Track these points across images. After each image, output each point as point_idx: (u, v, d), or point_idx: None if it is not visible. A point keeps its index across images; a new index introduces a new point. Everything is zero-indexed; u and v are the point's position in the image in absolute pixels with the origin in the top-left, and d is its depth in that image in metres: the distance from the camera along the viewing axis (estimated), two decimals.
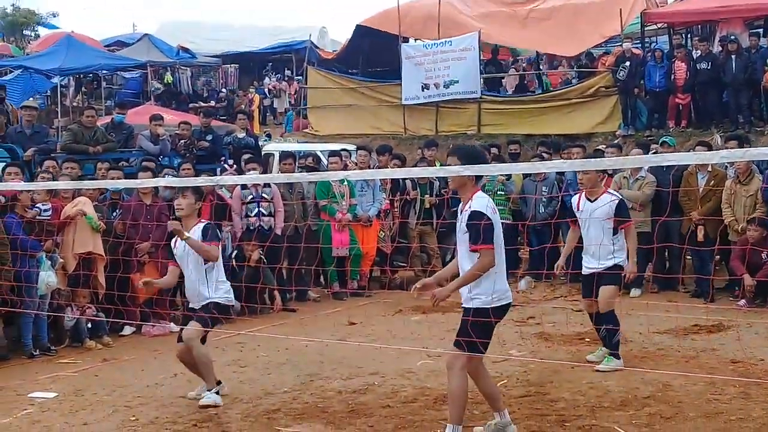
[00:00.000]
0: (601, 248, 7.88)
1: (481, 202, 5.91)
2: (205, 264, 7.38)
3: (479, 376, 6.17)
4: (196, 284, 7.41)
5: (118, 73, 28.97)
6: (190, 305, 7.64)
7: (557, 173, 12.76)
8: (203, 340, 7.45)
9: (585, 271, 8.14)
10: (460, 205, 6.11)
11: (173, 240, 7.56)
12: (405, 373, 8.06)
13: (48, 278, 9.48)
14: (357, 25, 24.41)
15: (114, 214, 10.87)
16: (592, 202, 7.98)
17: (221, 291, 7.51)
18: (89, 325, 9.91)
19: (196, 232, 7.35)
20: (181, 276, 7.67)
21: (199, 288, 7.41)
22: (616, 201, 7.95)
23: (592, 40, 20.77)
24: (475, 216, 5.82)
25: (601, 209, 7.88)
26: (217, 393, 7.29)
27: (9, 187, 9.50)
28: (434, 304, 5.95)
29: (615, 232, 7.89)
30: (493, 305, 5.86)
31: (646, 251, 10.96)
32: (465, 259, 5.98)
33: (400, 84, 21.82)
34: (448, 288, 5.94)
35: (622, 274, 7.97)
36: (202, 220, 7.67)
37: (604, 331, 8.03)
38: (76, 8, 75.90)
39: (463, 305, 6.01)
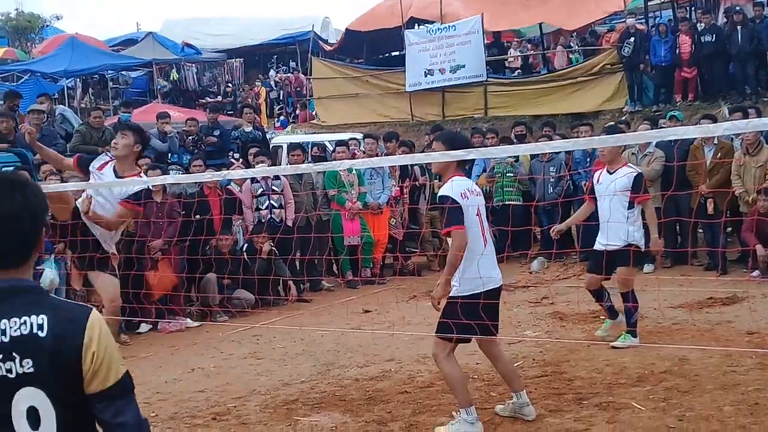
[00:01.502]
0: (613, 225, 7.84)
1: (448, 186, 5.93)
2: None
3: (496, 359, 6.19)
4: None
5: (124, 72, 29.05)
6: None
7: (566, 153, 12.75)
8: None
9: (597, 246, 8.13)
10: None
11: None
12: (421, 358, 8.08)
13: (52, 276, 9.57)
14: (346, 29, 24.60)
15: None
16: (611, 174, 7.97)
17: None
18: None
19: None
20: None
21: None
22: (634, 174, 7.90)
23: (596, 14, 20.70)
24: (442, 200, 5.92)
25: (620, 181, 7.83)
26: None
27: None
28: (436, 307, 5.90)
29: (631, 206, 7.84)
30: (477, 291, 5.85)
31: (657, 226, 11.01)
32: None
33: (405, 71, 21.80)
34: (439, 286, 5.87)
35: (635, 252, 7.90)
36: (142, 175, 7.74)
37: (608, 302, 8.20)
38: (80, 10, 76.02)
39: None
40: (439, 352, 5.95)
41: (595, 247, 8.17)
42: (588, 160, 12.75)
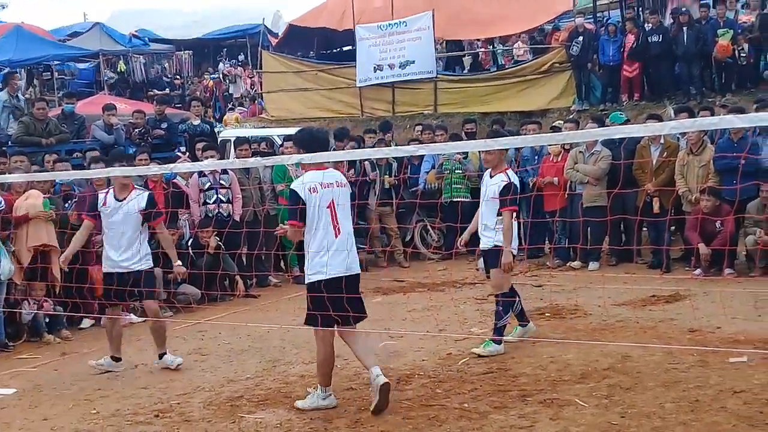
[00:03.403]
0: (486, 225, 7.93)
1: (297, 181, 6.61)
2: None
3: (349, 344, 6.70)
4: None
5: (71, 63, 28.56)
6: None
7: (515, 150, 12.81)
8: None
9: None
10: None
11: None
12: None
13: (10, 266, 9.39)
14: (290, 24, 24.48)
15: (67, 205, 10.74)
16: (491, 178, 7.93)
17: None
18: (47, 320, 9.80)
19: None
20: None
21: None
22: (504, 183, 7.77)
23: (544, 18, 20.89)
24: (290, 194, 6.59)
25: (491, 188, 7.83)
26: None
27: None
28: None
29: (499, 213, 7.79)
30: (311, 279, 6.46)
31: (603, 224, 11.12)
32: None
33: (355, 66, 21.75)
34: None
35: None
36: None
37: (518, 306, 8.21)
38: None
39: None
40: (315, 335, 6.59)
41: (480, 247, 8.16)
42: (536, 158, 12.84)
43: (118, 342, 8.23)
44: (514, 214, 7.80)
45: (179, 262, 8.29)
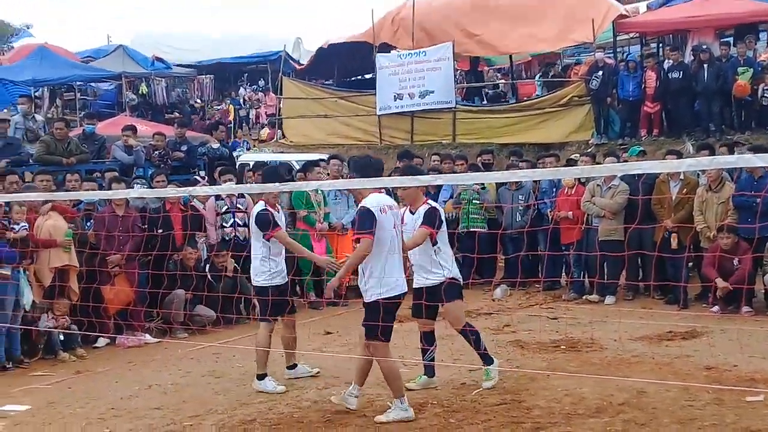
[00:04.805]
0: (423, 260, 7.70)
1: (369, 200, 6.91)
2: None
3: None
4: None
5: (93, 84, 28.83)
6: None
7: (533, 182, 12.84)
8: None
9: (416, 284, 7.87)
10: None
11: None
12: (381, 382, 7.99)
13: (30, 295, 9.50)
14: (327, 45, 24.55)
15: (88, 224, 10.82)
16: (413, 214, 7.80)
17: None
18: (62, 337, 9.83)
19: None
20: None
21: None
22: (426, 208, 7.67)
23: (565, 42, 20.97)
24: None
25: (418, 220, 7.68)
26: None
27: None
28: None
29: (435, 243, 7.65)
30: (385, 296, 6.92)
31: (619, 258, 11.08)
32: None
33: (375, 94, 21.86)
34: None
35: (455, 285, 7.75)
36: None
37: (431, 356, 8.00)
38: (51, 20, 75.50)
39: None
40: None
41: (414, 286, 7.86)
42: (554, 189, 12.84)
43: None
44: (436, 238, 7.60)
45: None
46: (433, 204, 7.82)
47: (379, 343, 6.93)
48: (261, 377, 8.08)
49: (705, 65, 16.86)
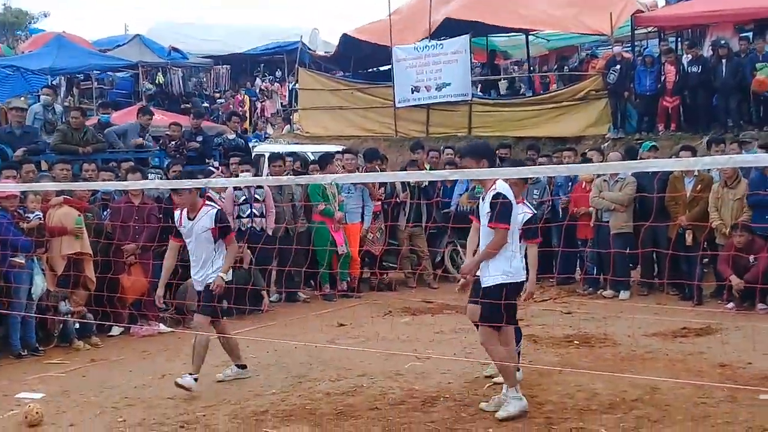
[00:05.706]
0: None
1: (503, 187, 6.84)
2: None
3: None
4: None
5: (110, 73, 28.90)
6: None
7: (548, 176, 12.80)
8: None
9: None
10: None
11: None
12: (393, 375, 8.06)
13: (43, 283, 9.56)
14: (344, 34, 24.47)
15: (104, 214, 10.86)
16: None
17: None
18: (77, 326, 9.89)
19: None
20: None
21: None
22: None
23: (579, 28, 20.90)
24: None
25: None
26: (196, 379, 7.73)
27: (3, 188, 9.49)
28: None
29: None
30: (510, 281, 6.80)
31: (633, 253, 11.05)
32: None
33: (391, 86, 21.81)
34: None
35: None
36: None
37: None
38: (68, 9, 75.78)
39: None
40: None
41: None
42: (570, 184, 12.81)
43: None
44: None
45: (223, 275, 7.95)
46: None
47: (507, 327, 6.89)
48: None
49: (724, 60, 16.74)
